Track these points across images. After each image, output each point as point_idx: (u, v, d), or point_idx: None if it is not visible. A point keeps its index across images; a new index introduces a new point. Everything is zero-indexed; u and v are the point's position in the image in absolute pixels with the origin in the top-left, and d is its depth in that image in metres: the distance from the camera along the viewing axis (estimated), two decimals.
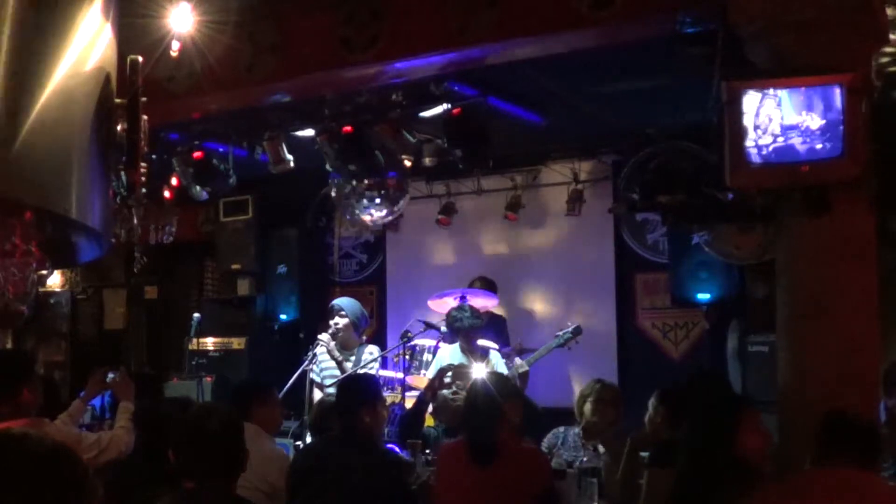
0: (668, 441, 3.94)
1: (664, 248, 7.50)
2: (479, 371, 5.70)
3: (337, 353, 6.38)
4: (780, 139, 3.83)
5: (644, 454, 4.28)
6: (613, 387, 5.13)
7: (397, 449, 5.18)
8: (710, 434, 3.36)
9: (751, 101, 3.85)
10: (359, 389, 4.42)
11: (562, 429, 5.16)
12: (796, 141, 3.82)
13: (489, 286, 7.73)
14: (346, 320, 6.42)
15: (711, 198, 4.46)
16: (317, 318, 7.72)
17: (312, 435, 5.08)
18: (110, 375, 4.84)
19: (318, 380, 6.40)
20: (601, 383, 5.08)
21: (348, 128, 6.16)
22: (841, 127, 3.76)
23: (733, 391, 5.21)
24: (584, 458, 4.82)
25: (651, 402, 4.44)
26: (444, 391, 5.57)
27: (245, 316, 8.87)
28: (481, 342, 6.55)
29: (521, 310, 8.15)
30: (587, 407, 5.01)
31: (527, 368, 6.44)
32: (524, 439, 4.46)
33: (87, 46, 2.57)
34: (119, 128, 2.74)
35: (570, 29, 4.70)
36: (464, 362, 6.33)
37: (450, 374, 5.73)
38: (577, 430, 5.08)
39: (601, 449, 4.90)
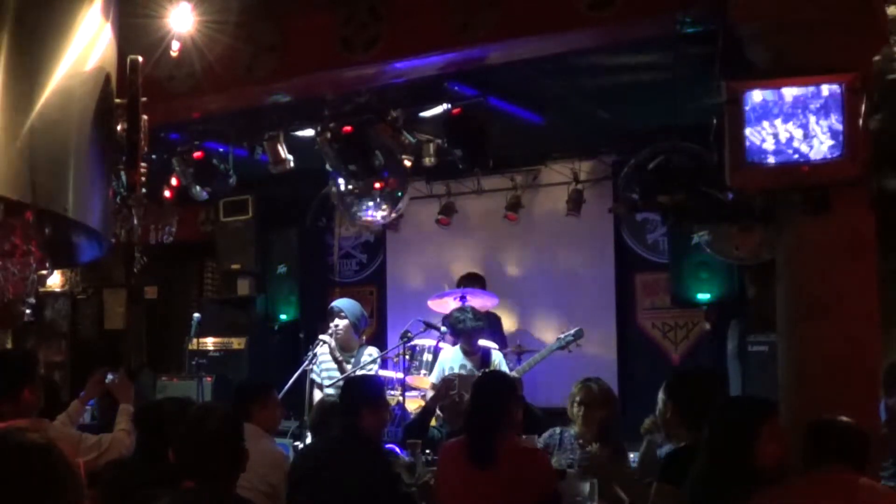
0: (682, 451, 3.88)
1: (664, 248, 7.49)
2: None
3: (338, 354, 6.39)
4: (780, 139, 3.83)
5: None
6: (598, 388, 4.93)
7: (398, 449, 5.18)
8: (732, 441, 3.32)
9: (751, 101, 3.85)
10: (363, 390, 4.42)
11: (558, 429, 5.12)
12: (796, 141, 3.82)
13: (479, 282, 7.72)
14: (345, 322, 6.43)
15: (711, 198, 4.46)
16: (317, 318, 7.71)
17: (312, 435, 5.08)
18: (109, 376, 4.83)
19: (318, 380, 6.41)
20: (584, 384, 4.95)
21: (348, 128, 6.16)
22: (841, 127, 3.76)
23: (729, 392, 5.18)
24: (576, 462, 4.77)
25: (660, 397, 4.30)
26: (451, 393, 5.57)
27: (245, 316, 8.87)
28: (482, 342, 6.56)
29: (521, 310, 8.14)
30: (574, 409, 4.96)
31: (519, 377, 6.34)
32: (523, 439, 4.45)
33: (87, 46, 2.57)
34: (119, 128, 2.74)
35: (570, 29, 4.71)
36: (465, 363, 6.33)
37: (455, 381, 5.73)
38: (572, 431, 5.03)
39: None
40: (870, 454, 3.34)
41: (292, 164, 6.62)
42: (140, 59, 2.77)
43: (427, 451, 5.14)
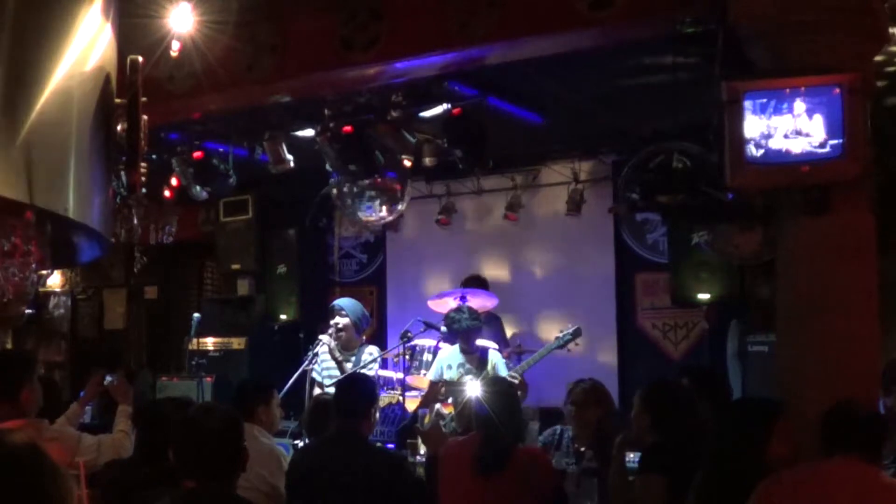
0: (656, 445, 3.91)
1: (664, 248, 7.50)
2: (472, 388, 5.32)
3: (338, 354, 6.39)
4: (780, 139, 3.83)
5: (632, 455, 4.24)
6: (589, 388, 4.89)
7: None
8: (743, 441, 3.35)
9: (751, 100, 3.85)
10: (363, 391, 4.41)
11: (559, 428, 5.12)
12: (796, 141, 3.81)
13: (482, 284, 7.72)
14: (346, 320, 6.43)
15: (711, 198, 4.46)
16: (317, 318, 7.72)
17: (308, 435, 5.07)
18: (108, 378, 4.83)
19: (318, 379, 6.41)
20: (575, 385, 4.93)
21: (348, 128, 6.16)
22: (841, 127, 3.76)
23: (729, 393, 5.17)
24: (574, 465, 4.76)
25: (635, 400, 4.37)
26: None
27: (245, 316, 8.87)
28: (480, 342, 6.55)
29: (521, 310, 8.14)
30: (567, 410, 4.96)
31: (519, 378, 6.33)
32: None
33: (87, 46, 2.57)
34: (119, 128, 2.74)
35: (570, 29, 4.70)
36: (463, 362, 6.33)
37: (441, 386, 5.73)
38: (571, 431, 5.03)
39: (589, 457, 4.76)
40: (885, 444, 3.35)
41: (292, 164, 6.63)
42: (140, 59, 2.78)
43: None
